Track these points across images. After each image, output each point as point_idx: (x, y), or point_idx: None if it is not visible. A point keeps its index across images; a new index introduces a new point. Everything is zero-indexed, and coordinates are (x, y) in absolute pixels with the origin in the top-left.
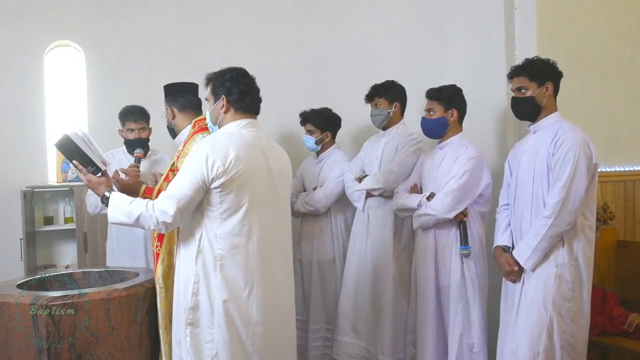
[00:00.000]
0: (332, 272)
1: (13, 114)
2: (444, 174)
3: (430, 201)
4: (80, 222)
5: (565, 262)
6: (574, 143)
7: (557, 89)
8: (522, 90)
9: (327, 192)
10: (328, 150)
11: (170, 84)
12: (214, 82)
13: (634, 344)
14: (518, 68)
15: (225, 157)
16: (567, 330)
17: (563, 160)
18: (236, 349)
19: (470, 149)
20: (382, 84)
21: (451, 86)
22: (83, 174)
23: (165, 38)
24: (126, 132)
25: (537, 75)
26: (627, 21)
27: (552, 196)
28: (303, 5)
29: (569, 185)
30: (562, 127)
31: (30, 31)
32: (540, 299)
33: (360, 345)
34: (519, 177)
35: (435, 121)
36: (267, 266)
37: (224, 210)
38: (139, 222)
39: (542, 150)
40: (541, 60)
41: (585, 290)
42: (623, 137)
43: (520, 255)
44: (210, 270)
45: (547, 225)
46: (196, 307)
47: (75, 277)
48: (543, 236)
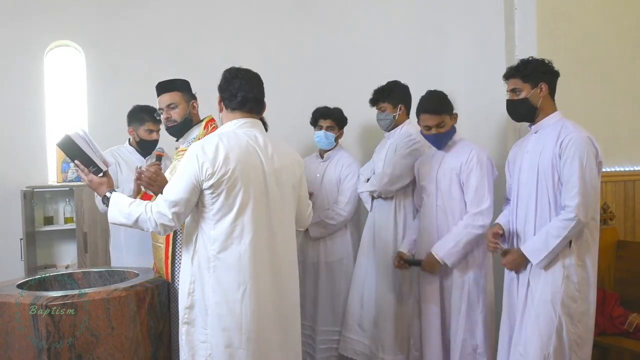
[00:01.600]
0: (340, 272)
1: (13, 114)
2: (444, 175)
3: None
4: (80, 222)
5: (572, 262)
6: (580, 142)
7: (552, 89)
8: (517, 91)
9: (351, 200)
10: (334, 150)
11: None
12: (218, 85)
13: (634, 344)
14: (512, 69)
15: (214, 158)
16: (575, 331)
17: (572, 161)
18: (229, 352)
19: (475, 149)
20: (385, 87)
21: (443, 95)
22: (85, 174)
23: (165, 38)
24: (143, 132)
25: (531, 75)
26: (627, 21)
27: (570, 198)
28: (303, 5)
29: (584, 184)
30: (566, 126)
31: (30, 31)
32: (548, 300)
33: (364, 342)
34: (520, 178)
35: (448, 133)
36: (261, 268)
37: (216, 211)
38: (138, 224)
39: (546, 150)
40: (535, 61)
41: (592, 290)
42: (623, 137)
43: (534, 255)
44: (205, 270)
45: (568, 227)
46: (192, 307)
47: (75, 277)
48: (564, 238)
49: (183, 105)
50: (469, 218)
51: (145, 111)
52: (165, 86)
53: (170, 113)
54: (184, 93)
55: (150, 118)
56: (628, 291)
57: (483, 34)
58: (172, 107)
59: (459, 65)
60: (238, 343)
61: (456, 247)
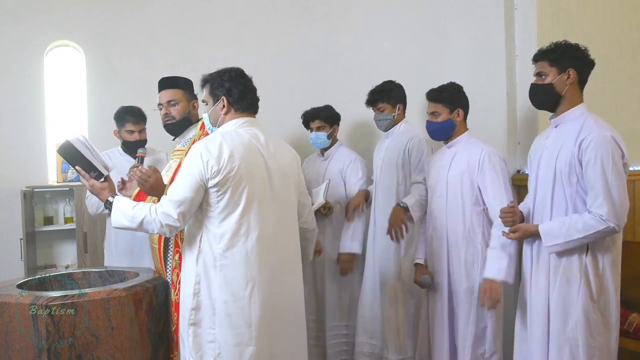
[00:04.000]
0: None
1: (13, 114)
2: (454, 175)
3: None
4: (80, 222)
5: (590, 271)
6: (602, 143)
7: (583, 78)
8: (542, 76)
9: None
10: (334, 147)
11: None
12: (212, 84)
13: (634, 344)
14: (540, 52)
15: (219, 156)
16: (594, 344)
17: (594, 164)
18: (239, 350)
19: (485, 149)
20: (383, 88)
21: (451, 85)
22: (86, 179)
23: (165, 38)
24: (125, 133)
25: (559, 60)
26: (627, 21)
27: (597, 206)
28: (303, 5)
29: (610, 190)
30: (587, 122)
31: (30, 31)
32: (567, 310)
33: (373, 343)
34: (539, 175)
35: (442, 124)
36: (268, 265)
37: (221, 209)
38: (143, 226)
39: (565, 149)
40: (567, 45)
41: (612, 300)
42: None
43: (548, 237)
44: (211, 270)
45: (597, 228)
46: (198, 307)
47: (75, 277)
48: (586, 237)
49: (183, 103)
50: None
51: (127, 112)
52: (167, 82)
53: (170, 110)
54: (186, 92)
55: (131, 119)
56: (628, 291)
57: (483, 33)
58: (172, 104)
59: (458, 66)
60: (248, 340)
61: (511, 262)
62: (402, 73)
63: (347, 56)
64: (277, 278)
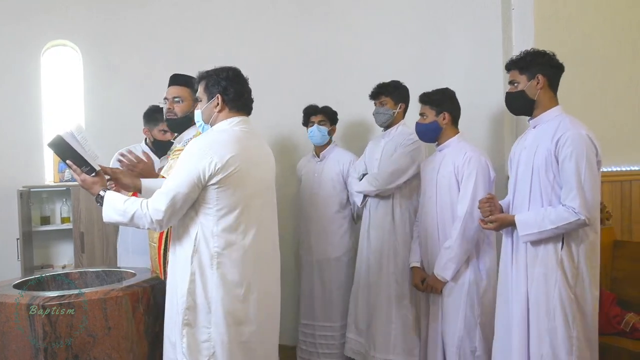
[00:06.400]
0: (338, 270)
1: (9, 114)
2: (443, 177)
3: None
4: (77, 222)
5: (565, 262)
6: (577, 140)
7: (553, 82)
8: (514, 84)
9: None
10: (329, 148)
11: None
12: (208, 81)
13: (631, 344)
14: (510, 61)
15: (224, 155)
16: (574, 335)
17: (569, 160)
18: (234, 347)
19: (469, 152)
20: (390, 83)
21: (442, 89)
22: (77, 174)
23: (163, 38)
24: (157, 132)
25: (527, 67)
26: (627, 21)
27: (570, 199)
28: (303, 5)
29: (583, 185)
30: (564, 122)
31: (27, 31)
32: (545, 301)
33: (360, 341)
34: (518, 173)
35: (427, 126)
36: (262, 263)
37: (220, 207)
38: (133, 221)
39: (542, 147)
40: (534, 52)
41: (587, 291)
42: (621, 138)
43: (524, 227)
44: (207, 268)
45: (569, 220)
46: (192, 307)
47: (72, 277)
48: (559, 228)
49: (188, 102)
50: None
51: (160, 112)
52: (177, 79)
53: (173, 105)
54: (193, 92)
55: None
56: (625, 291)
57: (481, 34)
58: (176, 101)
59: (457, 66)
60: (246, 337)
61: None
62: (401, 73)
63: (347, 56)
64: (269, 276)
